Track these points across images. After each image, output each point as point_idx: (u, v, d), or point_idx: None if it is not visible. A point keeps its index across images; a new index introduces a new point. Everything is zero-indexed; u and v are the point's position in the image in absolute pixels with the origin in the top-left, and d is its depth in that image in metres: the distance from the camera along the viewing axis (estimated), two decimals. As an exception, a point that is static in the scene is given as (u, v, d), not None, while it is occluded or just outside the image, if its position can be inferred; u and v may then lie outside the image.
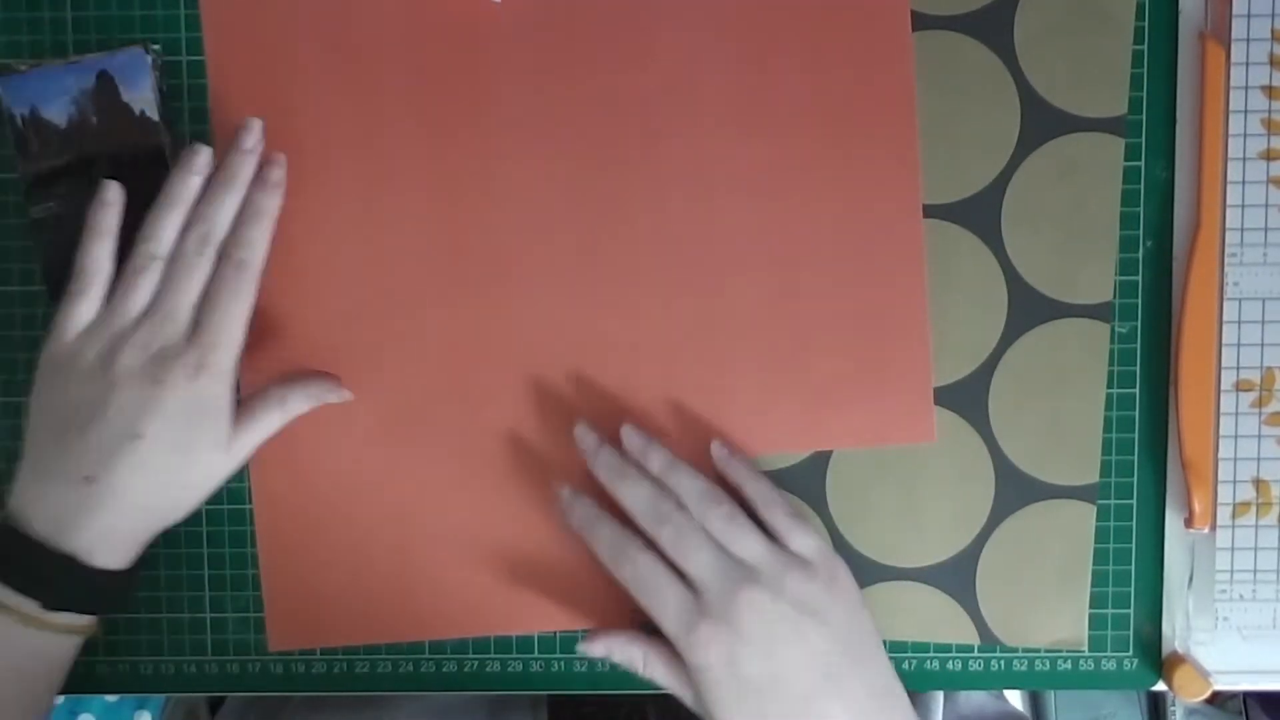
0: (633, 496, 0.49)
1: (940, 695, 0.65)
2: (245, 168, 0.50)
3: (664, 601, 0.47)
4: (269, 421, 0.51)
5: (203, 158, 0.50)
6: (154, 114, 0.48)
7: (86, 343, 0.48)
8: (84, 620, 0.49)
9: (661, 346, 0.53)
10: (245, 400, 0.51)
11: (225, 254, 0.49)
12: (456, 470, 0.54)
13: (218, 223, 0.49)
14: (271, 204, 0.50)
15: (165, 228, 0.49)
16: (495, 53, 0.53)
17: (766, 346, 0.53)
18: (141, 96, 0.48)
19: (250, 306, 0.49)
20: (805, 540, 0.49)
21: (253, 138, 0.50)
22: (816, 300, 0.53)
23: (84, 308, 0.49)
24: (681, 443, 0.53)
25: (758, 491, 0.50)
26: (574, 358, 0.53)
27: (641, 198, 0.53)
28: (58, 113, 0.49)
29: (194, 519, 0.54)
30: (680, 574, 0.48)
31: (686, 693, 0.48)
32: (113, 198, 0.49)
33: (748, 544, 0.48)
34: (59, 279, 0.49)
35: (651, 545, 0.48)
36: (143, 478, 0.47)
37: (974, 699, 0.67)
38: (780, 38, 0.52)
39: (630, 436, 0.51)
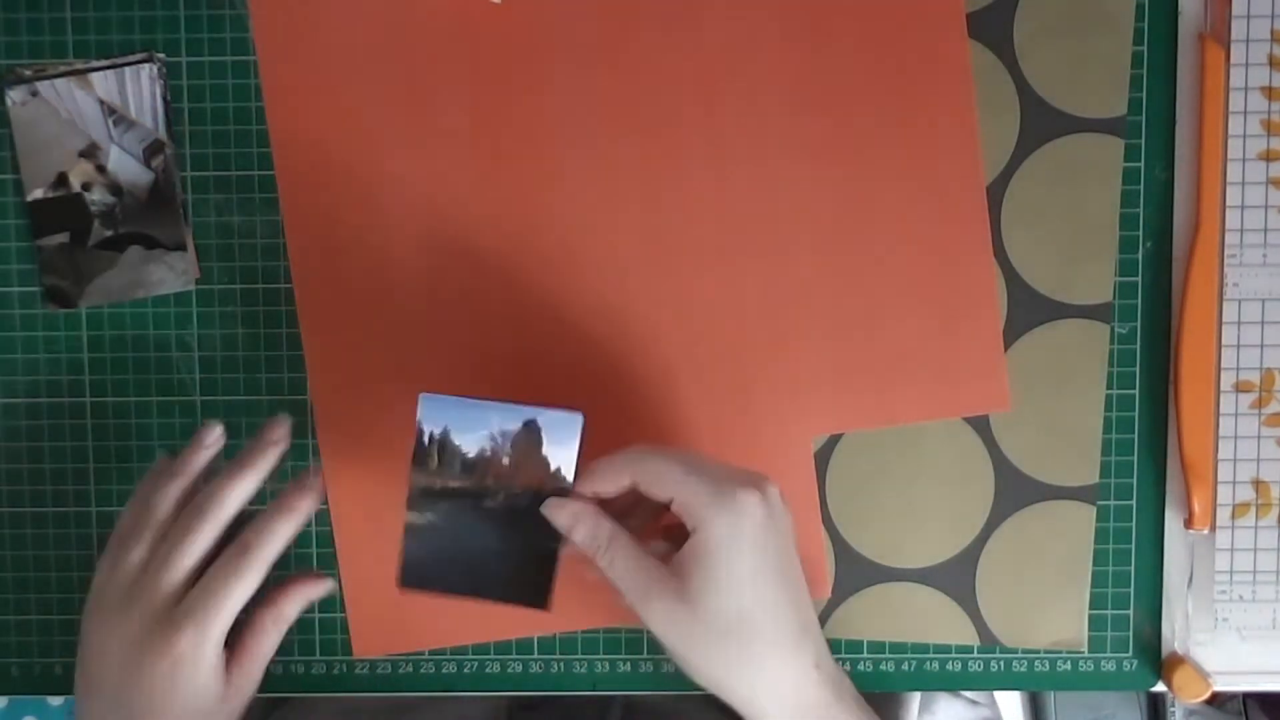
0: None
1: (916, 700, 0.65)
2: (261, 458, 0.48)
3: (693, 475, 0.44)
4: (269, 647, 0.49)
5: (214, 434, 0.49)
6: (568, 472, 0.46)
7: (104, 590, 0.48)
8: None
9: (727, 327, 0.53)
10: (237, 641, 0.48)
11: (238, 537, 0.47)
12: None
13: (217, 500, 0.47)
14: (304, 505, 0.48)
15: (164, 497, 0.48)
16: (551, 32, 0.52)
17: (833, 322, 0.53)
18: (565, 454, 0.46)
19: (248, 593, 0.47)
20: None
21: (279, 431, 0.49)
22: (882, 273, 0.53)
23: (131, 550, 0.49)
24: (747, 422, 0.53)
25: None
26: (639, 337, 0.53)
27: (702, 175, 0.53)
28: (470, 443, 0.47)
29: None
30: None
31: (639, 587, 0.45)
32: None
33: None
34: (419, 577, 0.47)
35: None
36: None
37: (953, 706, 0.67)
38: (833, 7, 0.52)
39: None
